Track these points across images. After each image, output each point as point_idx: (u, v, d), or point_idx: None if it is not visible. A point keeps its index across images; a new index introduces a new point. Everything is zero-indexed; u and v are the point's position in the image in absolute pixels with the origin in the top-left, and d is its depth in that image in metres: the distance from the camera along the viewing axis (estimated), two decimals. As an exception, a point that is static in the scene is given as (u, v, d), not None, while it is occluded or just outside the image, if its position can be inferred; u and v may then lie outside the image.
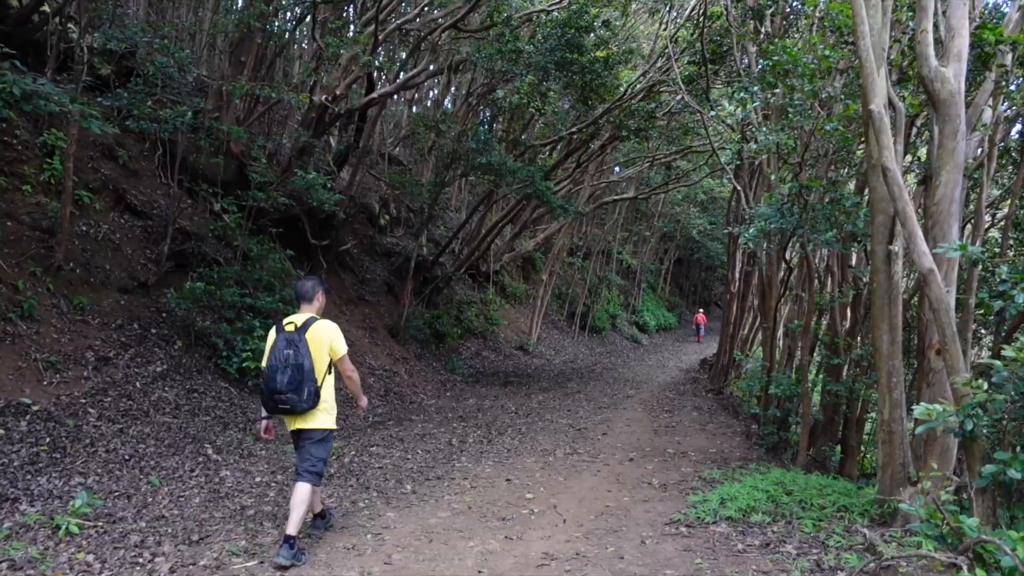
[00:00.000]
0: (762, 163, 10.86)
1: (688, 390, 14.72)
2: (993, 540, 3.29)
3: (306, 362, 4.44)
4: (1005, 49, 6.16)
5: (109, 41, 7.73)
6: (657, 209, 28.83)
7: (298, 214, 10.84)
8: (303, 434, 4.63)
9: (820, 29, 8.73)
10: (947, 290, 4.84)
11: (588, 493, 6.50)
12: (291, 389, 4.39)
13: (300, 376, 4.40)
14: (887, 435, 5.32)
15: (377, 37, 10.31)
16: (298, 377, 4.40)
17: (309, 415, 4.56)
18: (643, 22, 18.23)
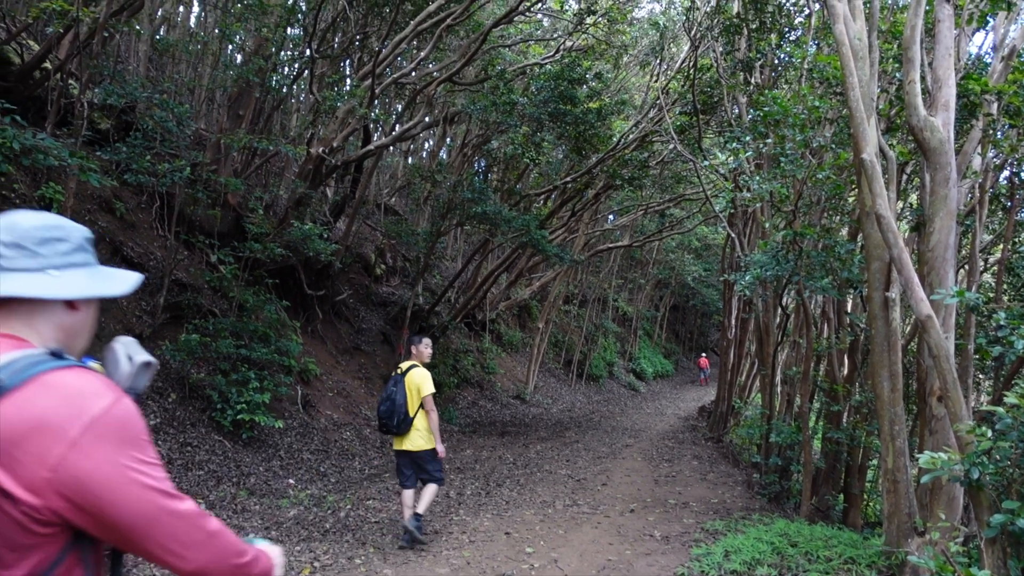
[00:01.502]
0: (756, 211, 10.97)
1: (687, 438, 14.56)
2: (1006, 593, 3.21)
3: (399, 397, 5.93)
4: (991, 98, 6.28)
5: (109, 96, 7.84)
6: (652, 256, 29.00)
7: (294, 264, 10.86)
8: (412, 455, 6.01)
9: (809, 80, 8.92)
10: (946, 336, 4.84)
11: (589, 547, 6.36)
12: (387, 416, 5.94)
13: (393, 407, 5.91)
14: (892, 484, 5.25)
15: (374, 90, 10.49)
16: (391, 408, 5.92)
17: (407, 439, 5.97)
18: (634, 74, 18.63)
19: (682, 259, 28.47)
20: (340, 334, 12.96)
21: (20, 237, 1.24)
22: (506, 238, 14.70)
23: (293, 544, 6.04)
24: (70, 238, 1.31)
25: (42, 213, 1.30)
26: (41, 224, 1.27)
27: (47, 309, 1.26)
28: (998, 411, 3.91)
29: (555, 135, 13.61)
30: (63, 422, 1.09)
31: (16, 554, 1.08)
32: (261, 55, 10.31)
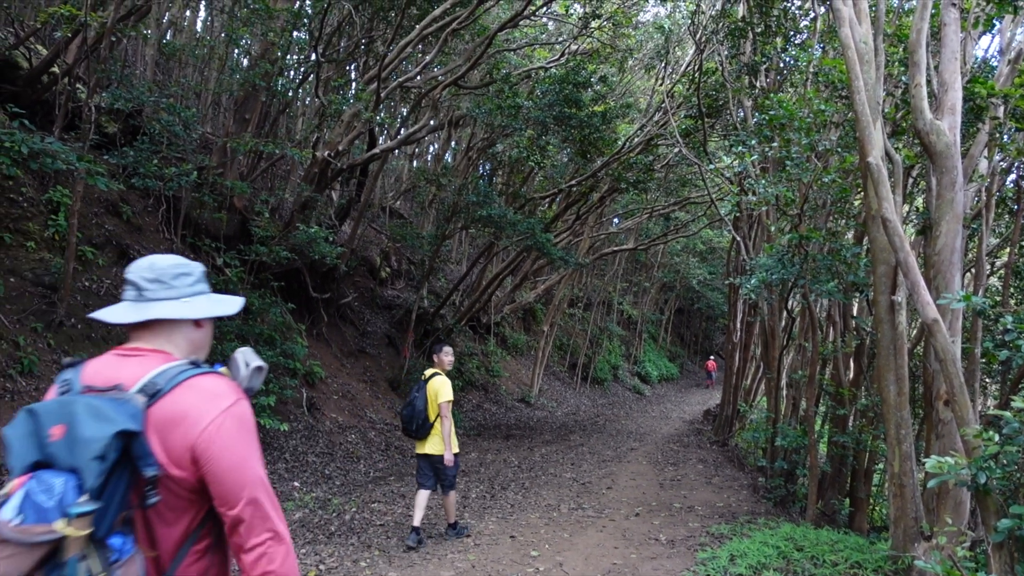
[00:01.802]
0: (761, 214, 10.96)
1: (692, 442, 14.53)
2: (1014, 598, 3.20)
3: (418, 402, 6.17)
4: (997, 102, 6.27)
5: (116, 100, 7.89)
6: (657, 260, 28.97)
7: (300, 268, 10.88)
8: (430, 459, 6.24)
9: (814, 84, 8.92)
10: (952, 340, 4.83)
11: (594, 550, 6.36)
12: (408, 420, 6.20)
13: (413, 412, 6.16)
14: (898, 488, 5.23)
15: (379, 94, 10.51)
16: (411, 412, 6.17)
17: (427, 443, 6.22)
18: (639, 77, 18.63)
19: (687, 262, 28.44)
20: (345, 337, 12.99)
21: (159, 274, 1.68)
22: (511, 241, 14.72)
23: (298, 547, 6.04)
24: (193, 273, 1.75)
25: (172, 255, 1.74)
26: (173, 263, 1.71)
27: (182, 327, 1.69)
28: (1005, 415, 3.90)
29: (560, 138, 13.63)
30: (202, 413, 1.51)
31: (174, 514, 1.52)
32: (267, 59, 10.36)
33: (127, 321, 1.64)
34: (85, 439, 1.39)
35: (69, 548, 1.34)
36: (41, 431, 1.43)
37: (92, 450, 1.38)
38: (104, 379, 1.55)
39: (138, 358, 1.60)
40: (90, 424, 1.40)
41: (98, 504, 1.38)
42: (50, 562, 1.35)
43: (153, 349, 1.63)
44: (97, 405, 1.44)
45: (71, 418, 1.42)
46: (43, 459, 1.41)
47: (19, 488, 1.36)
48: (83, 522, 1.35)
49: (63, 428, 1.42)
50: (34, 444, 1.43)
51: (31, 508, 1.33)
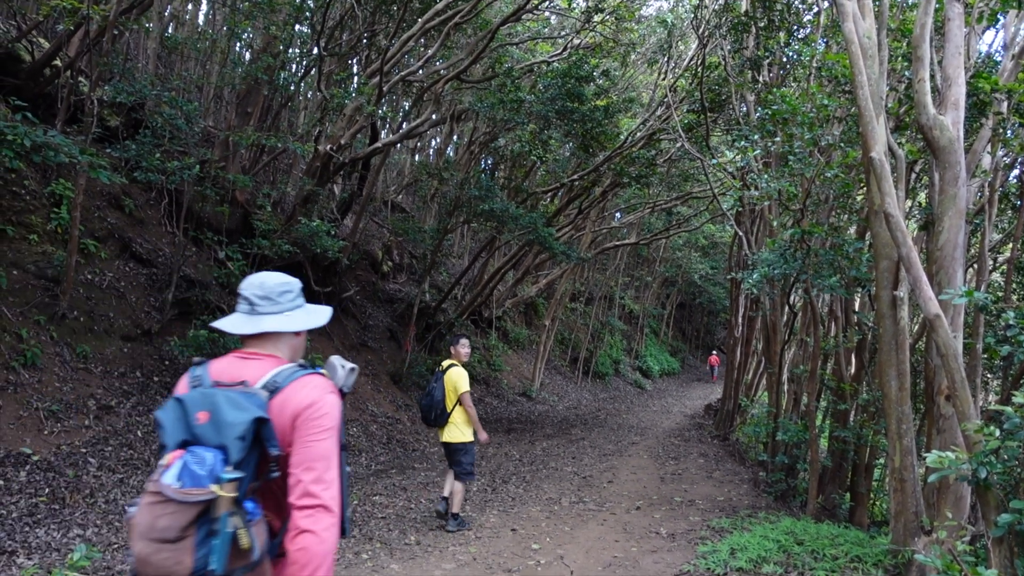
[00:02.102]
0: (763, 209, 10.95)
1: (693, 436, 14.56)
2: (1013, 592, 3.21)
3: (437, 393, 6.42)
4: (1001, 97, 6.25)
5: (119, 94, 7.89)
6: (659, 254, 28.95)
7: (302, 261, 10.89)
8: (449, 446, 6.49)
9: (817, 78, 8.90)
10: (954, 335, 4.83)
11: (595, 543, 6.38)
12: (426, 409, 6.45)
13: (431, 402, 6.42)
14: (899, 483, 5.24)
15: (382, 88, 10.50)
16: (430, 402, 6.43)
17: (446, 431, 6.44)
18: (642, 72, 18.59)
19: (689, 257, 28.42)
20: (347, 331, 13.00)
21: (268, 292, 2.04)
22: (513, 235, 14.71)
23: (301, 539, 6.07)
24: (294, 289, 2.10)
25: (277, 273, 2.09)
26: (278, 282, 2.06)
27: (285, 336, 2.07)
28: (1006, 411, 3.91)
29: (562, 133, 13.61)
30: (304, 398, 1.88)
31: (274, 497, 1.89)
32: (269, 52, 10.34)
33: (244, 332, 2.02)
34: (229, 423, 1.76)
35: (220, 507, 1.70)
36: (188, 416, 1.79)
37: (236, 431, 1.75)
38: (230, 376, 1.93)
39: (255, 361, 1.98)
40: (231, 411, 1.77)
41: (242, 474, 1.75)
42: (202, 519, 1.70)
43: (266, 354, 2.01)
44: (234, 397, 1.81)
45: (214, 406, 1.79)
46: (191, 438, 1.78)
47: (176, 460, 1.72)
48: (231, 487, 1.72)
49: (207, 414, 1.78)
50: (183, 426, 1.79)
51: (188, 475, 1.69)
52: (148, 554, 1.70)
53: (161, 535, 1.69)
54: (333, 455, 1.89)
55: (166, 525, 1.68)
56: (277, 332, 2.04)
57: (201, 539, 1.70)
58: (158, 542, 1.69)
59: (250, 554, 1.75)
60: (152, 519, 1.70)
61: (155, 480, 1.73)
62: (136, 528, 1.73)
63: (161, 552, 1.68)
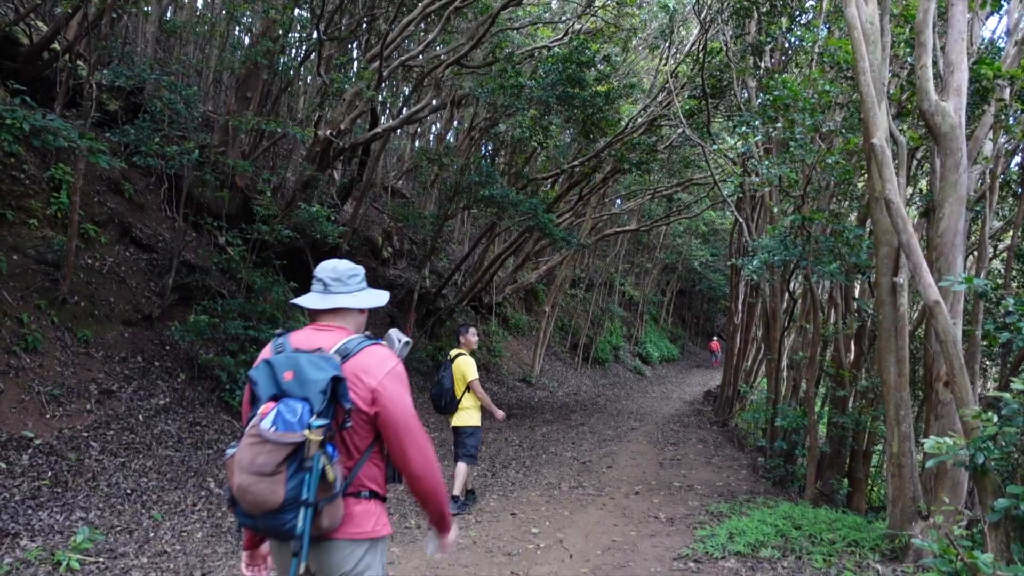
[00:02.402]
0: (764, 196, 10.93)
1: (692, 422, 14.61)
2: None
3: (446, 381, 6.71)
4: (1003, 83, 6.23)
5: (118, 78, 7.85)
6: (659, 241, 28.93)
7: (302, 247, 10.89)
8: (457, 430, 6.75)
9: (819, 64, 8.86)
10: (953, 322, 4.84)
11: (594, 527, 6.42)
12: (436, 397, 6.74)
13: (441, 390, 6.70)
14: (897, 468, 5.27)
15: (381, 73, 10.46)
16: (440, 391, 6.72)
17: (456, 417, 6.73)
18: (643, 57, 18.49)
19: (689, 244, 28.40)
20: (347, 316, 13.03)
21: (339, 275, 2.43)
22: (513, 222, 14.69)
23: (302, 523, 6.11)
24: (359, 274, 2.51)
25: (347, 261, 2.47)
26: (348, 268, 2.46)
27: (352, 313, 2.46)
28: (1004, 397, 3.92)
29: (563, 118, 13.55)
30: (377, 369, 2.25)
31: (359, 435, 2.25)
32: (269, 37, 10.29)
33: (320, 307, 2.40)
34: (311, 380, 2.12)
35: (310, 448, 2.06)
36: (277, 375, 2.17)
37: (318, 387, 2.11)
38: (308, 344, 2.30)
39: (328, 332, 2.36)
40: (313, 371, 2.14)
41: (327, 421, 2.11)
42: (292, 457, 2.05)
43: (337, 326, 2.39)
44: (314, 359, 2.18)
45: (298, 366, 2.16)
46: (279, 392, 2.14)
47: (271, 410, 2.09)
48: (319, 432, 2.07)
49: (292, 373, 2.15)
50: (273, 383, 2.16)
51: (282, 421, 2.05)
52: (248, 485, 2.06)
53: (259, 470, 2.05)
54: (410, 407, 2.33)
55: (264, 462, 2.04)
56: (346, 308, 2.43)
57: (292, 474, 2.06)
58: (257, 475, 2.05)
59: (333, 487, 2.14)
60: (252, 456, 2.06)
61: (254, 425, 2.10)
62: (237, 464, 2.11)
63: (259, 483, 2.05)
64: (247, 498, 2.08)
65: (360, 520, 2.26)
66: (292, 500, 2.07)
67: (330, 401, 2.15)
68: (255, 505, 2.07)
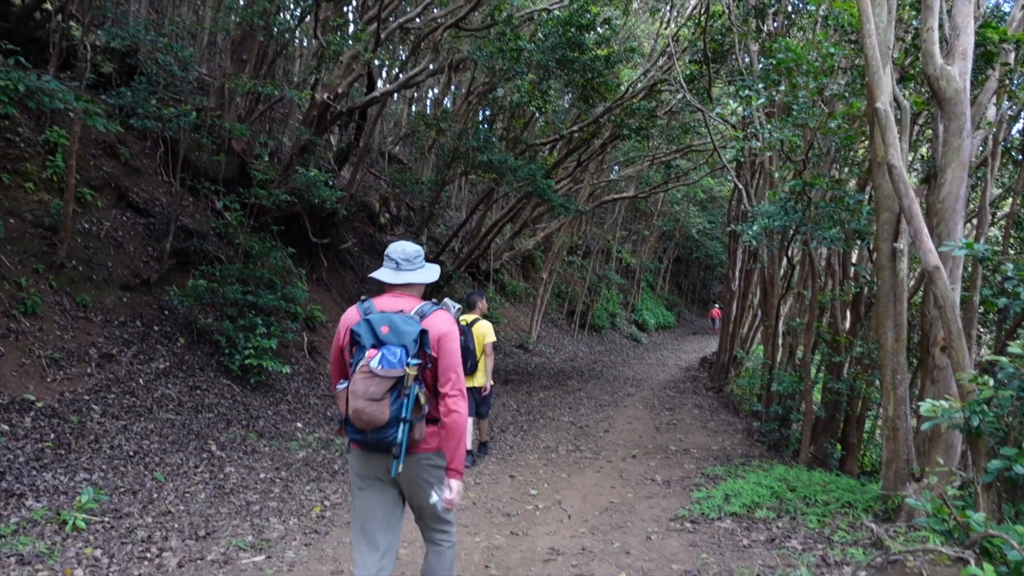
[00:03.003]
0: (764, 161, 10.88)
1: (688, 388, 14.73)
2: (1000, 535, 3.30)
3: (471, 344, 7.09)
4: (1008, 48, 6.18)
5: (112, 39, 7.72)
6: (656, 208, 28.83)
7: (299, 212, 10.84)
8: (476, 390, 7.22)
9: (824, 27, 8.75)
10: (952, 287, 4.86)
11: (592, 489, 6.51)
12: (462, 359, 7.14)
13: (467, 353, 6.97)
14: (891, 431, 5.33)
15: (379, 36, 10.31)
16: (465, 353, 6.90)
17: (474, 378, 7.16)
18: (644, 21, 18.24)
19: (687, 211, 28.31)
20: (345, 282, 13.02)
21: (408, 256, 3.07)
22: (511, 188, 14.62)
23: (303, 484, 6.18)
24: (421, 254, 3.13)
25: (412, 243, 3.13)
26: (414, 249, 3.10)
27: (418, 287, 3.13)
28: (1001, 360, 3.96)
29: (562, 83, 13.40)
30: (443, 326, 2.96)
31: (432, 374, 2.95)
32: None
33: (395, 282, 3.08)
34: (405, 332, 2.86)
35: (408, 381, 2.81)
36: (375, 329, 2.88)
37: (411, 336, 2.85)
38: (390, 307, 2.99)
39: (403, 299, 3.06)
40: (404, 325, 2.88)
41: (419, 361, 2.87)
42: (394, 388, 2.78)
43: (408, 295, 3.09)
44: (403, 318, 2.91)
45: (392, 323, 2.88)
46: (376, 343, 2.85)
47: (376, 354, 2.80)
48: (414, 369, 2.82)
49: (388, 327, 2.87)
50: (373, 335, 2.87)
51: (385, 362, 2.77)
52: (363, 408, 2.78)
53: (372, 396, 2.77)
54: (459, 359, 3.02)
55: (375, 391, 2.76)
56: (415, 283, 3.12)
57: (394, 399, 2.80)
58: (369, 400, 2.77)
59: (423, 409, 2.90)
60: (366, 387, 2.77)
61: (364, 365, 2.80)
62: (351, 394, 2.82)
63: (371, 406, 2.77)
64: (362, 418, 2.80)
65: (430, 439, 3.00)
66: (394, 418, 2.81)
67: (419, 348, 2.89)
68: (367, 423, 2.80)
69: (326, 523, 5.27)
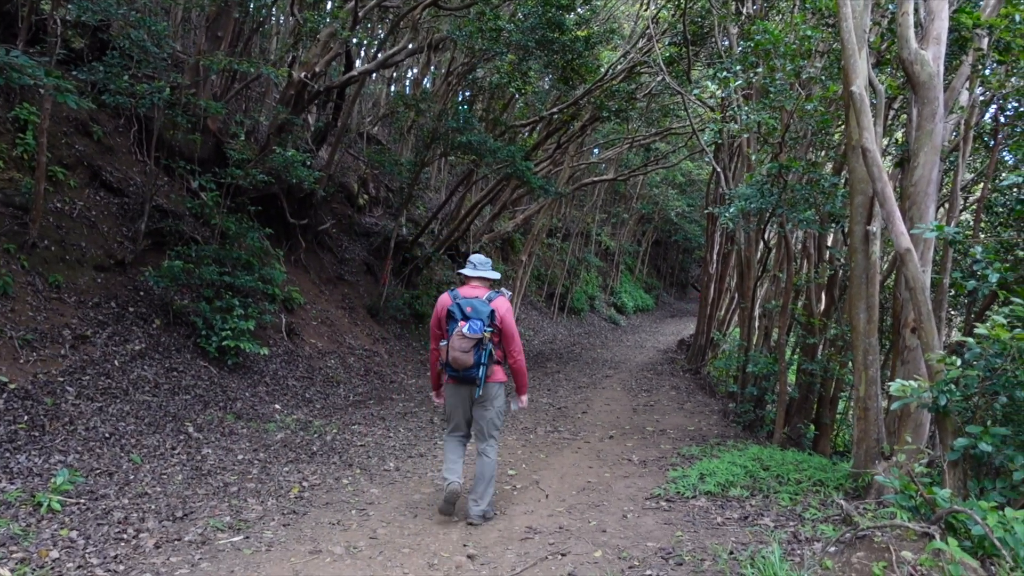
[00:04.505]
0: (742, 144, 10.95)
1: (666, 370, 14.87)
2: (964, 510, 3.39)
3: None
4: (982, 33, 6.24)
5: (83, 13, 7.55)
6: (636, 191, 28.91)
7: (276, 192, 10.74)
8: None
9: (801, 10, 8.78)
10: (923, 270, 4.95)
11: (569, 470, 6.58)
12: None
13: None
14: (862, 411, 5.44)
15: (357, 13, 10.19)
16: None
17: None
18: (624, 2, 18.18)
19: (666, 194, 28.42)
20: (323, 264, 12.94)
21: (482, 262, 4.94)
22: (491, 169, 14.58)
23: (281, 465, 6.18)
24: (489, 263, 4.98)
25: (482, 255, 5.03)
26: (485, 258, 4.94)
27: (487, 280, 4.98)
28: (969, 341, 4.05)
29: (542, 64, 13.34)
30: (504, 306, 4.85)
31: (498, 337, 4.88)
32: (239, -27, 9.93)
33: (474, 275, 4.89)
34: (482, 310, 4.71)
35: (484, 341, 4.71)
36: (463, 308, 4.70)
37: (485, 313, 4.71)
38: (471, 295, 4.77)
39: (478, 289, 4.84)
40: (481, 306, 4.72)
41: (491, 330, 4.73)
42: (477, 345, 4.68)
43: (481, 286, 4.86)
44: (480, 302, 4.74)
45: (473, 304, 4.71)
46: (464, 317, 4.69)
47: (465, 324, 4.65)
48: (488, 334, 4.77)
49: (471, 307, 4.70)
50: (461, 312, 4.70)
51: (472, 328, 4.64)
52: (458, 356, 4.63)
53: (463, 349, 4.63)
54: (515, 328, 4.85)
55: (465, 346, 4.62)
56: (487, 278, 4.91)
57: (476, 351, 4.68)
58: (462, 352, 4.63)
59: (492, 357, 4.77)
60: (460, 344, 4.63)
61: (459, 330, 4.64)
62: (452, 347, 4.65)
63: (465, 355, 4.63)
64: (459, 361, 4.67)
65: (497, 374, 4.91)
66: (476, 363, 4.72)
67: (491, 320, 4.72)
68: (462, 365, 4.68)
69: (304, 503, 5.28)
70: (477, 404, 4.86)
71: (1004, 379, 3.86)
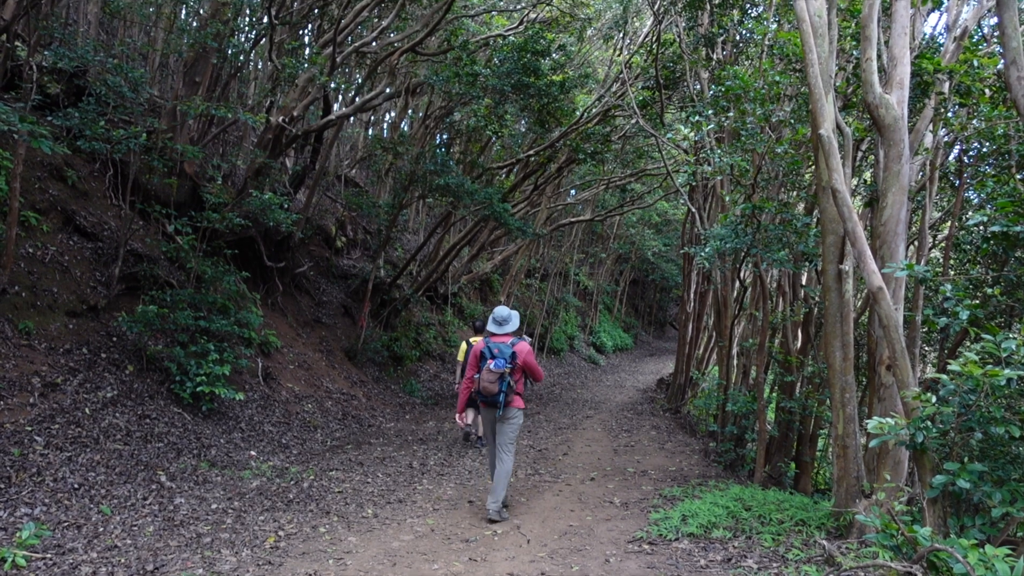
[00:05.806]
0: (716, 185, 11.13)
1: (646, 410, 14.84)
2: (946, 548, 3.40)
3: None
4: (943, 78, 6.46)
5: (59, 60, 7.57)
6: (613, 231, 29.19)
7: (253, 236, 10.70)
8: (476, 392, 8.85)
9: (769, 56, 9.04)
10: (896, 307, 5.02)
11: (551, 513, 6.50)
12: None
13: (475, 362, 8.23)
14: (841, 449, 5.46)
15: (335, 59, 10.31)
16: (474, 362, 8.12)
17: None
18: (598, 48, 18.59)
19: (642, 234, 28.72)
20: (301, 307, 12.85)
21: (507, 317, 6.29)
22: (469, 211, 14.67)
23: (257, 514, 6.04)
24: (514, 316, 6.36)
25: (506, 308, 6.37)
26: (509, 312, 6.32)
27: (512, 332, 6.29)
28: (942, 378, 4.10)
29: (518, 107, 13.56)
30: (525, 349, 6.21)
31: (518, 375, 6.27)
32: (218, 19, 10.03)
33: (500, 333, 6.24)
34: (506, 353, 6.11)
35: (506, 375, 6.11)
36: (492, 350, 6.15)
37: (508, 354, 6.11)
38: (500, 341, 6.19)
39: (505, 337, 6.23)
40: (506, 349, 6.13)
41: (512, 366, 6.11)
42: (501, 378, 6.07)
43: (506, 336, 6.24)
44: (505, 346, 6.15)
45: (500, 348, 6.14)
46: (492, 356, 6.12)
47: (493, 362, 6.07)
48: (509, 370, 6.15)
49: (498, 350, 6.13)
50: (491, 353, 6.14)
51: (497, 364, 6.06)
52: (487, 385, 6.05)
53: (490, 381, 6.05)
54: (536, 364, 6.25)
55: (492, 378, 6.05)
56: (510, 332, 6.19)
57: (501, 383, 6.06)
58: (489, 383, 6.04)
59: (512, 388, 6.14)
60: (488, 375, 6.06)
61: (488, 365, 6.07)
62: (482, 379, 6.08)
63: (492, 385, 6.04)
64: (487, 389, 6.01)
65: (516, 401, 6.17)
66: (499, 391, 6.02)
67: (512, 360, 6.03)
68: (489, 392, 6.01)
69: (280, 554, 5.15)
70: (499, 421, 6.23)
71: (979, 415, 3.90)
